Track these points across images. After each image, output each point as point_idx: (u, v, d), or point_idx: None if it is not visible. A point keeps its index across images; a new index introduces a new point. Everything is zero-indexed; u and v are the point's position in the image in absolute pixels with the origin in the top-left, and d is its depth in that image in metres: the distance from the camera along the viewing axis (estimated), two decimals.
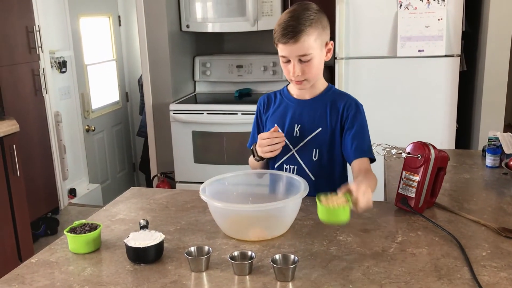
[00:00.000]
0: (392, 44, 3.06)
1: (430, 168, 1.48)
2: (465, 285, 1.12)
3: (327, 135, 1.64)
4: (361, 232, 1.40)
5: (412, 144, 1.52)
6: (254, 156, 1.68)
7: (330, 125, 1.64)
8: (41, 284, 1.18)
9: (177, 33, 3.85)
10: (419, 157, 1.47)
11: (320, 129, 1.64)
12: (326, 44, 1.60)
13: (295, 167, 1.67)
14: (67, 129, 4.08)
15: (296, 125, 1.66)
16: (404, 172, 1.53)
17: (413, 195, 1.49)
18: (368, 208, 1.32)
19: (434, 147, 1.50)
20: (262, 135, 1.61)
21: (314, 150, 1.65)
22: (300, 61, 1.54)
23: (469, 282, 1.13)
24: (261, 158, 1.66)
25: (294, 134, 1.66)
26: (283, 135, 1.62)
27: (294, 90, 1.70)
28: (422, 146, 1.49)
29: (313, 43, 1.53)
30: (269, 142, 1.58)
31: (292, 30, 1.50)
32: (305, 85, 1.61)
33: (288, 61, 1.56)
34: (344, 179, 1.71)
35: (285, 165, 1.69)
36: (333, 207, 1.25)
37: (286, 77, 1.64)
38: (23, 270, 1.25)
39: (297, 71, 1.55)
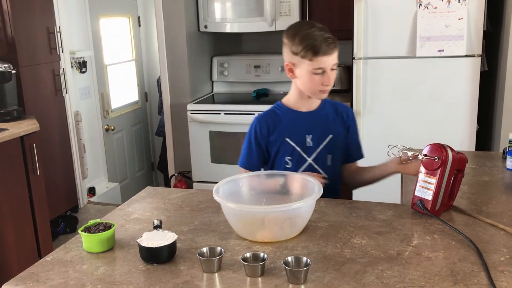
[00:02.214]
0: (411, 44, 3.02)
1: (448, 171, 1.45)
2: None
3: (337, 141, 1.78)
4: (376, 235, 1.38)
5: (429, 146, 1.49)
6: None
7: (338, 131, 1.79)
8: (55, 282, 1.19)
9: (195, 33, 3.86)
10: (436, 159, 1.45)
11: (331, 135, 1.77)
12: None
13: None
14: (87, 129, 4.13)
15: (307, 135, 1.76)
16: (420, 174, 1.50)
17: (430, 198, 1.47)
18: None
19: (451, 149, 1.47)
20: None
21: (327, 156, 1.77)
22: (331, 70, 1.67)
23: None
24: None
25: (307, 145, 1.76)
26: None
27: (294, 104, 1.78)
28: (439, 148, 1.46)
29: None
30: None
31: (333, 42, 1.64)
32: (327, 93, 1.73)
33: (322, 72, 1.65)
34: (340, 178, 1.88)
35: None
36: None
37: (311, 89, 1.70)
38: (38, 268, 1.27)
39: (331, 80, 1.67)
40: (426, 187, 1.48)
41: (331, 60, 1.65)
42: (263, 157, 1.81)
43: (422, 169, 1.50)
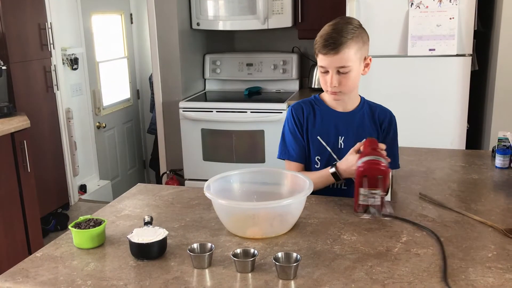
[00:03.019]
0: (402, 43, 3.04)
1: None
2: (469, 286, 1.11)
3: None
4: (366, 231, 1.39)
5: (363, 166, 1.45)
6: (336, 179, 1.63)
7: (371, 136, 1.68)
8: (45, 278, 1.19)
9: (187, 31, 3.85)
10: (380, 177, 1.44)
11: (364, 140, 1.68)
12: (365, 58, 1.65)
13: None
14: (78, 126, 4.11)
15: (340, 137, 1.70)
16: (361, 189, 1.46)
17: (379, 203, 1.46)
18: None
19: (381, 155, 1.47)
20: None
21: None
22: (339, 72, 1.59)
23: (474, 284, 1.12)
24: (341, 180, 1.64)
25: (339, 147, 1.70)
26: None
27: (330, 101, 1.73)
28: (376, 166, 1.44)
29: (353, 56, 1.58)
30: None
31: (334, 42, 1.56)
32: (339, 96, 1.66)
33: (327, 72, 1.61)
34: None
35: None
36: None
37: (322, 87, 1.67)
38: (27, 264, 1.26)
39: (334, 82, 1.60)
40: (372, 197, 1.46)
41: (332, 61, 1.57)
42: (304, 144, 1.73)
43: (362, 185, 1.46)
